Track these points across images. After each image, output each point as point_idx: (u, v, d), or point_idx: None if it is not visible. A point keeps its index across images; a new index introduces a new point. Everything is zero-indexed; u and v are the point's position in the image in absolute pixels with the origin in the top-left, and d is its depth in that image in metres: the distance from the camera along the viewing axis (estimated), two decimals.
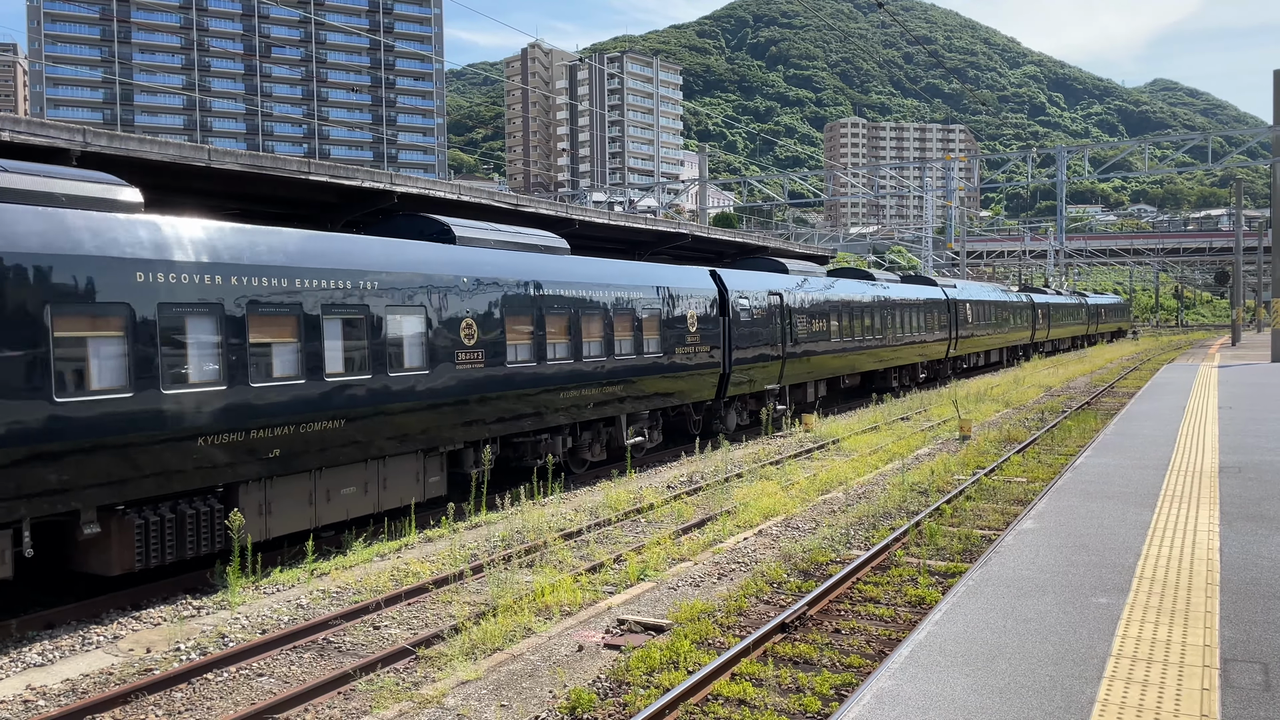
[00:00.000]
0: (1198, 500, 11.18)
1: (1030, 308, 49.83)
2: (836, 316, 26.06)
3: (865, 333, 28.18)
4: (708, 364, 19.81)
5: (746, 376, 21.48)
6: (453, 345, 13.39)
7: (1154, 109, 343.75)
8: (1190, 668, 6.14)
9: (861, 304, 28.10)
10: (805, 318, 24.14)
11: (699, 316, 19.40)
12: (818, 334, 24.83)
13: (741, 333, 21.01)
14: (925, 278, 38.30)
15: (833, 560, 11.30)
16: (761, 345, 21.91)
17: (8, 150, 10.77)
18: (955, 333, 36.86)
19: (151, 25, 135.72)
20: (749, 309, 21.35)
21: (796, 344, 23.55)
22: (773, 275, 23.76)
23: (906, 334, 31.67)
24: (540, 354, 15.03)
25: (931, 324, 34.17)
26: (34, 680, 8.02)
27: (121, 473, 9.38)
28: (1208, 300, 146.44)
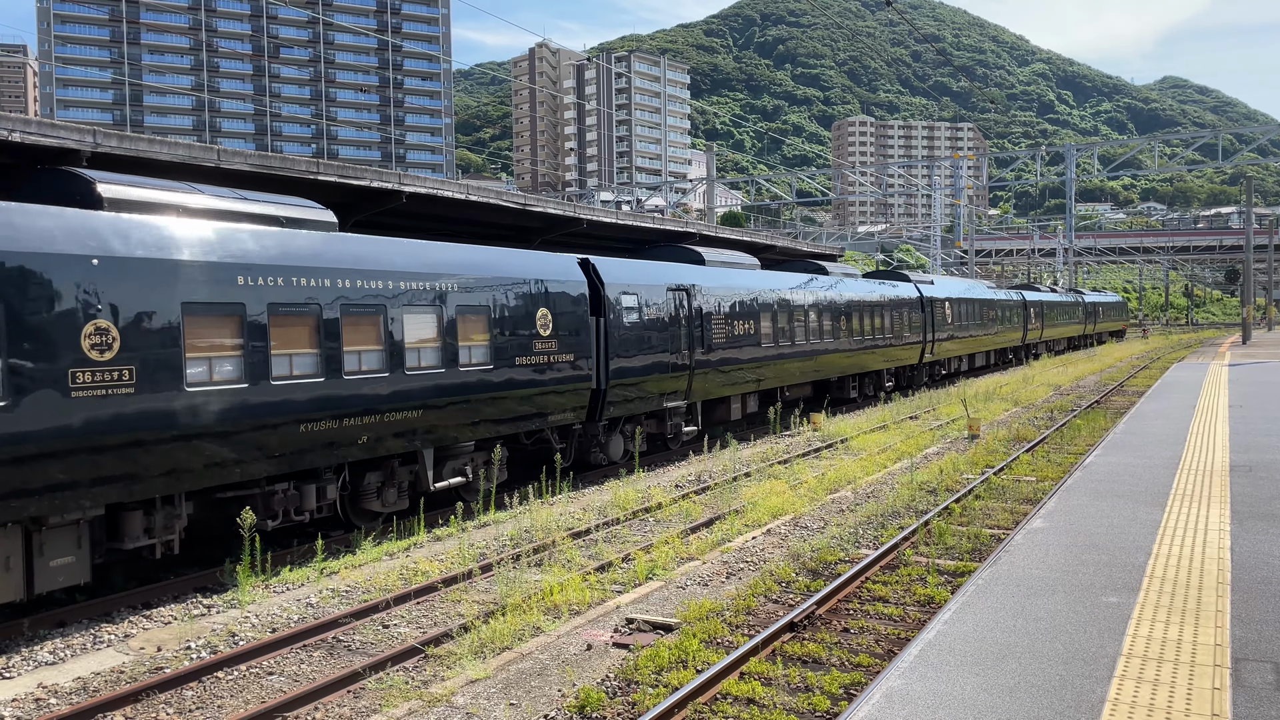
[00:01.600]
0: (1208, 499, 11.14)
1: (1021, 306, 46.57)
2: (771, 317, 22.12)
3: (812, 336, 24.24)
4: (570, 378, 15.62)
5: (634, 392, 17.30)
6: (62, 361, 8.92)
7: (1164, 107, 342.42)
8: (1201, 667, 6.12)
9: (806, 302, 24.07)
10: (724, 319, 20.12)
11: (558, 317, 15.32)
12: (743, 338, 20.78)
13: (625, 337, 16.94)
14: (897, 273, 34.62)
15: (841, 559, 11.28)
16: (657, 352, 17.82)
17: (16, 151, 10.82)
18: (931, 335, 33.14)
19: (160, 26, 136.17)
20: (637, 308, 17.29)
21: (711, 350, 19.51)
22: (677, 266, 19.43)
23: (868, 337, 27.71)
24: (259, 372, 10.59)
25: (900, 325, 30.29)
26: (46, 678, 8.06)
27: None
28: (1218, 298, 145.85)
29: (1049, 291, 55.64)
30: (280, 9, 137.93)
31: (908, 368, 32.59)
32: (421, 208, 16.80)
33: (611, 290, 16.88)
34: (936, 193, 66.27)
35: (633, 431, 17.98)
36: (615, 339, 16.75)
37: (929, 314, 32.89)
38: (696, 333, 19.13)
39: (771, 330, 22.24)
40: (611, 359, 16.60)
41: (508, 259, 14.80)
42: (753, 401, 22.34)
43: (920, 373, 33.38)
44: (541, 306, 15.09)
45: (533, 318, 14.87)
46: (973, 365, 40.49)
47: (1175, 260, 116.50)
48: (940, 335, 34.05)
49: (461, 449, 13.89)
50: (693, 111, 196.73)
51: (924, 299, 32.67)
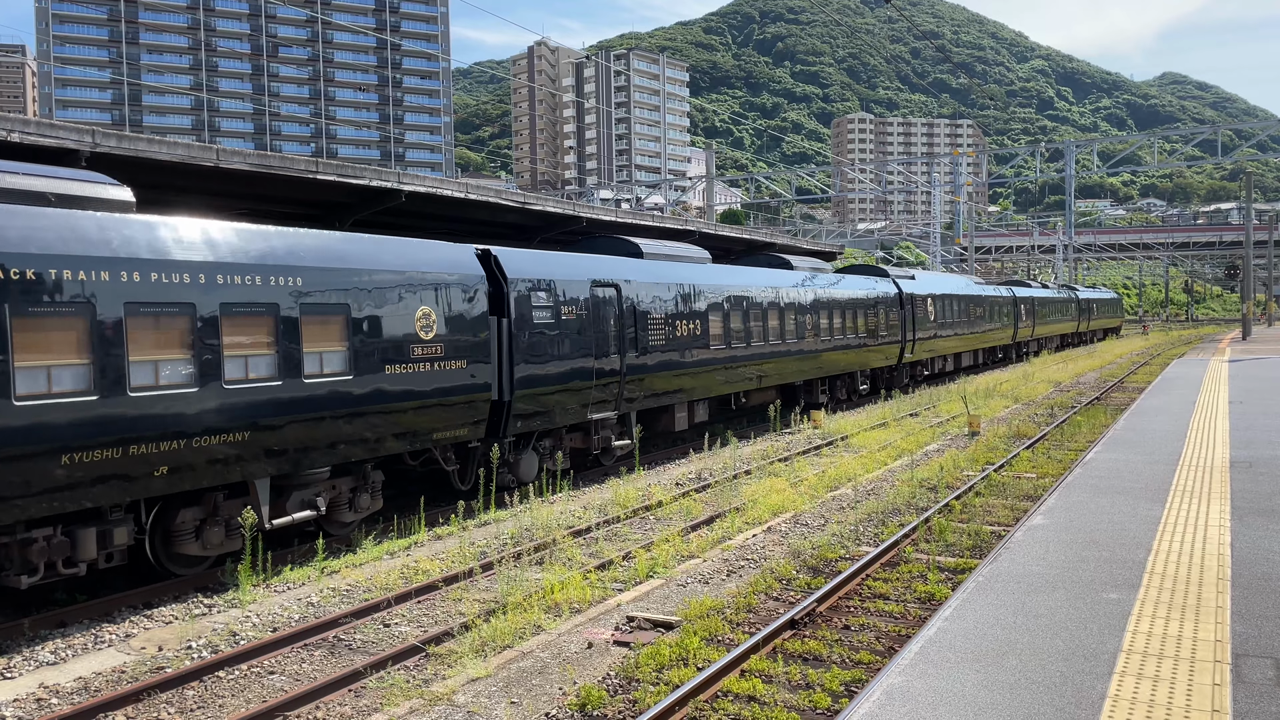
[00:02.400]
0: (1209, 495, 11.14)
1: (1012, 303, 44.68)
2: (722, 316, 20.06)
3: (773, 337, 22.12)
4: (462, 388, 13.38)
5: (547, 403, 15.11)
6: None
7: (1163, 103, 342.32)
8: (1202, 663, 6.12)
9: (766, 300, 21.97)
10: (664, 318, 18.00)
11: (445, 317, 13.14)
12: (688, 340, 18.72)
13: (536, 340, 14.82)
14: (874, 268, 32.32)
15: (842, 557, 11.29)
16: (578, 357, 15.69)
17: (18, 152, 10.82)
18: (912, 334, 31.00)
19: (159, 26, 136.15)
20: (551, 306, 15.17)
21: (647, 353, 17.40)
22: (604, 260, 17.19)
23: (838, 337, 25.58)
24: None
25: (876, 324, 28.14)
26: (47, 678, 8.07)
27: None
28: (1218, 294, 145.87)
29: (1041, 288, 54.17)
30: (279, 8, 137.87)
31: (886, 369, 30.47)
32: (421, 207, 16.80)
33: (518, 286, 14.63)
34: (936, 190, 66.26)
35: (551, 448, 15.85)
36: (523, 342, 14.57)
37: (909, 312, 30.87)
38: (629, 334, 16.92)
39: (723, 331, 20.07)
40: (517, 365, 14.39)
41: (375, 249, 12.50)
42: (703, 409, 20.06)
43: (900, 374, 31.40)
44: (423, 305, 12.83)
45: (410, 318, 12.60)
46: (959, 365, 38.45)
47: (1175, 256, 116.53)
48: (922, 334, 32.05)
49: (312, 476, 11.61)
50: (692, 109, 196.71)
51: (903, 296, 30.67)
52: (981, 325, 39.36)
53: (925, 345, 32.55)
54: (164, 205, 13.96)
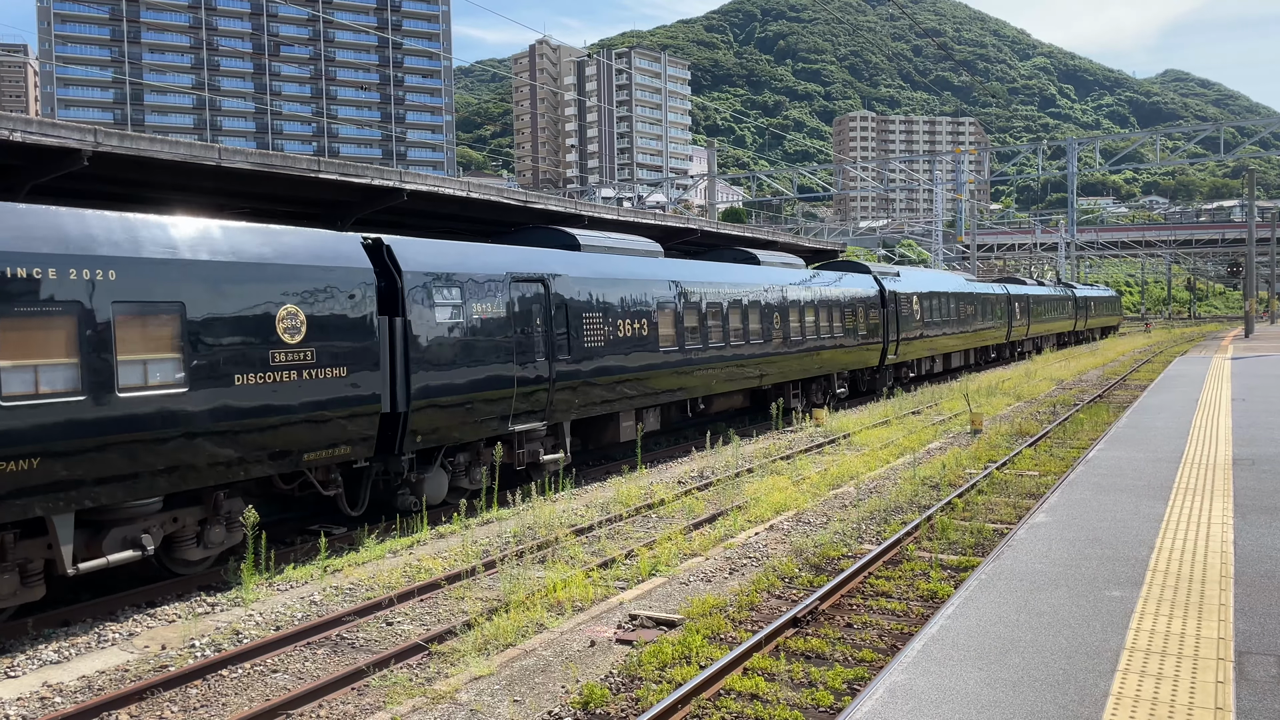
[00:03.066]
0: (1211, 493, 11.13)
1: (1006, 301, 43.12)
2: (673, 315, 18.34)
3: (735, 338, 20.41)
4: (341, 400, 11.48)
5: (455, 415, 13.20)
6: None
7: (1165, 100, 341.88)
8: (1204, 660, 6.12)
9: (727, 298, 20.28)
10: (604, 317, 16.35)
11: (317, 318, 11.20)
12: (632, 341, 16.96)
13: (439, 343, 12.91)
14: (855, 264, 30.44)
15: (844, 555, 11.29)
16: (495, 362, 13.84)
17: (17, 151, 10.83)
18: (896, 334, 29.41)
19: (161, 25, 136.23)
20: (459, 304, 13.33)
21: (582, 357, 15.77)
22: (531, 252, 15.35)
23: (811, 337, 23.96)
24: None
25: (854, 323, 26.55)
26: (50, 677, 8.08)
27: None
28: (1220, 292, 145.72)
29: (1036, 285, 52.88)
30: (280, 8, 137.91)
31: (866, 371, 28.88)
32: (423, 205, 16.79)
33: (416, 281, 12.78)
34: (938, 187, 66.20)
35: (467, 464, 14.13)
36: (422, 347, 12.68)
37: (892, 311, 29.26)
38: (560, 336, 15.26)
39: (674, 331, 18.29)
40: (415, 373, 12.54)
41: (223, 236, 10.59)
42: (653, 417, 18.40)
43: (883, 376, 29.73)
44: (287, 304, 10.90)
45: (270, 320, 10.67)
46: (949, 366, 36.59)
47: (1177, 254, 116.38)
48: (907, 334, 30.41)
49: (135, 510, 9.88)
50: (694, 107, 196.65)
51: (885, 294, 29.04)
52: (973, 324, 37.97)
53: (910, 346, 31.04)
54: (166, 205, 13.97)
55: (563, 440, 15.95)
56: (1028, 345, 49.29)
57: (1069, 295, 56.67)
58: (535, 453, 15.18)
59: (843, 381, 27.15)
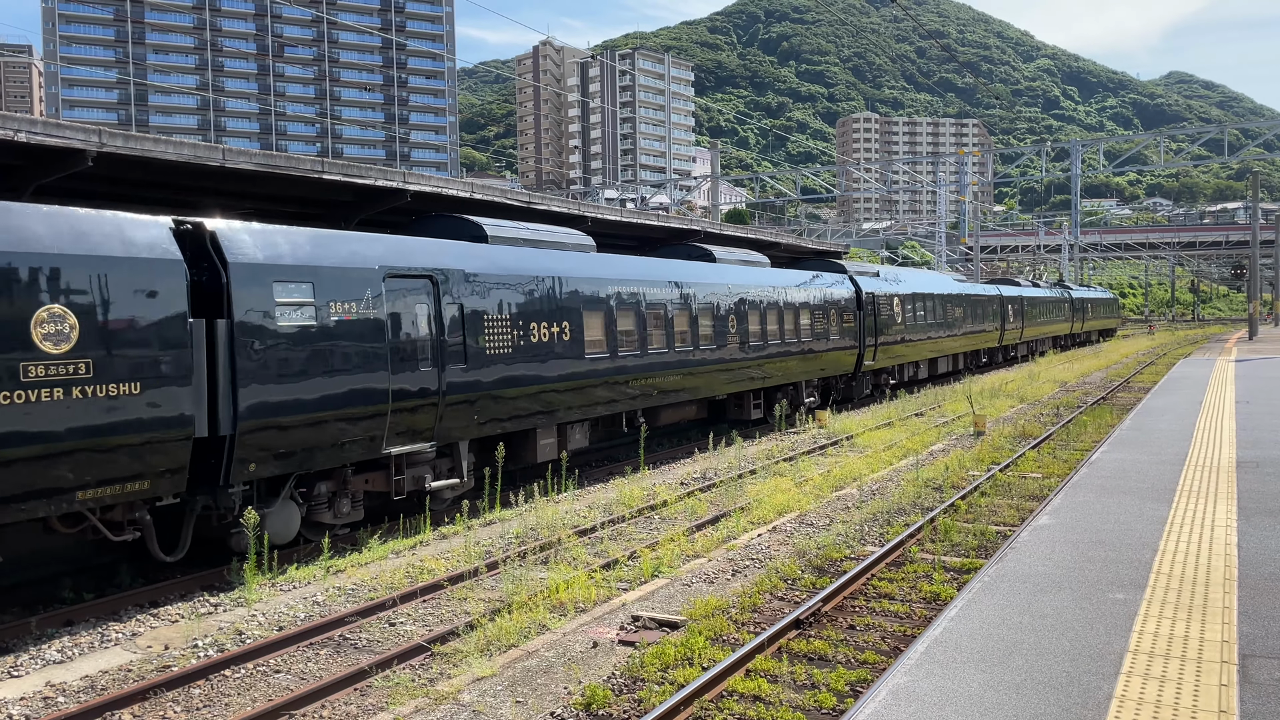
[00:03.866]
0: (1215, 495, 11.11)
1: (998, 303, 41.29)
2: (604, 318, 16.37)
3: (680, 343, 18.49)
4: (134, 423, 9.42)
5: (304, 437, 11.05)
6: None
7: (1169, 102, 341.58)
8: (1208, 663, 6.11)
9: (670, 298, 18.31)
10: (512, 321, 14.26)
11: (97, 322, 9.21)
12: (550, 348, 14.91)
13: (279, 353, 10.76)
14: (830, 263, 28.43)
15: (847, 556, 11.28)
16: (360, 374, 11.64)
17: (22, 151, 10.85)
18: (874, 338, 27.52)
19: (165, 26, 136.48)
20: (311, 305, 11.16)
21: (485, 366, 13.60)
22: (419, 244, 13.27)
23: (774, 342, 21.99)
24: None
25: (826, 327, 24.60)
26: (54, 677, 8.09)
27: None
28: (1224, 294, 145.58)
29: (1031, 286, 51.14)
30: (285, 8, 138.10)
31: (840, 377, 26.81)
32: (426, 206, 16.80)
33: (249, 275, 10.53)
34: (941, 189, 66.16)
35: (331, 494, 11.97)
36: (256, 355, 10.51)
37: (870, 312, 27.33)
38: (454, 342, 13.10)
39: (606, 336, 16.36)
40: (246, 387, 10.34)
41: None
42: (580, 433, 16.47)
43: (861, 383, 27.72)
44: (49, 303, 8.78)
45: (21, 325, 8.57)
46: (934, 372, 34.51)
47: (1181, 256, 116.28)
48: (887, 338, 28.47)
49: None
50: (697, 109, 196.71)
51: (862, 295, 27.14)
52: (962, 327, 36.19)
53: (891, 351, 29.10)
54: (168, 205, 14.00)
55: (459, 463, 13.59)
56: (1022, 349, 47.80)
57: (1065, 297, 55.11)
58: (421, 479, 13.03)
59: (812, 390, 25.11)
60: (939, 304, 33.38)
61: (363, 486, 12.34)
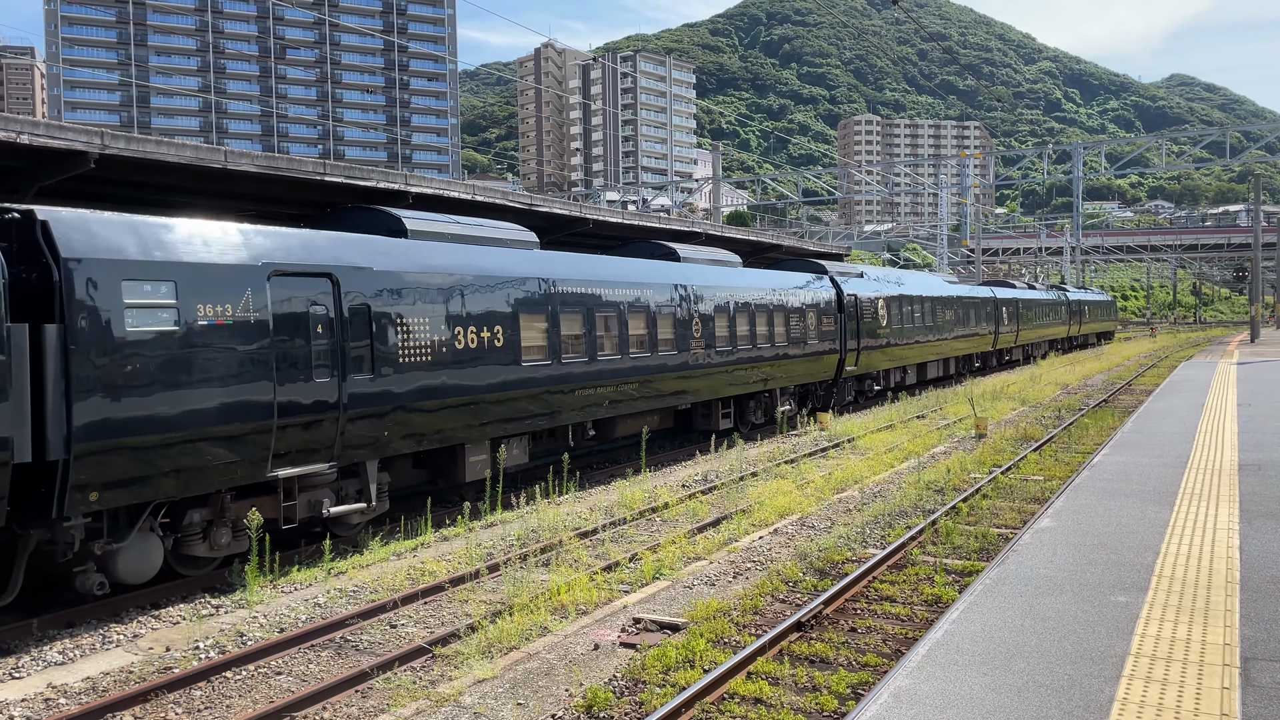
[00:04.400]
0: (1217, 498, 11.10)
1: (992, 305, 39.92)
2: (547, 321, 14.95)
3: (639, 347, 17.14)
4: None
5: (165, 461, 9.66)
6: None
7: (1171, 104, 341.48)
8: (1210, 666, 6.10)
9: (625, 299, 16.92)
10: (433, 323, 12.75)
11: None
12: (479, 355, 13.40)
13: (130, 361, 9.36)
14: (810, 263, 26.81)
15: (849, 559, 11.27)
16: (235, 385, 10.24)
17: (25, 153, 10.87)
18: (857, 342, 26.13)
19: (167, 28, 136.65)
20: (171, 307, 9.79)
21: (398, 374, 12.16)
22: (311, 238, 11.71)
23: (743, 347, 20.60)
24: None
25: (802, 331, 23.29)
26: (55, 678, 8.09)
27: None
28: (1226, 296, 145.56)
29: (1026, 288, 49.73)
30: (286, 10, 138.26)
31: (819, 384, 25.54)
32: (428, 208, 16.82)
33: (88, 273, 9.15)
34: (943, 191, 66.15)
35: (205, 524, 10.60)
36: (97, 365, 9.06)
37: (852, 315, 26.03)
38: (358, 348, 11.62)
39: (547, 342, 14.85)
40: (82, 402, 8.93)
41: None
42: (518, 448, 14.88)
43: (842, 390, 26.52)
44: None
45: None
46: (924, 377, 33.26)
47: (1183, 258, 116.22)
48: (871, 342, 27.20)
49: None
50: (698, 111, 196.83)
51: (844, 297, 25.81)
52: (954, 331, 34.87)
53: (875, 355, 27.68)
54: (172, 207, 14.01)
55: (367, 485, 12.08)
56: (1017, 353, 46.42)
57: (1062, 299, 53.89)
58: (318, 504, 11.52)
59: (788, 398, 23.72)
60: (928, 306, 32.16)
61: (246, 514, 10.51)
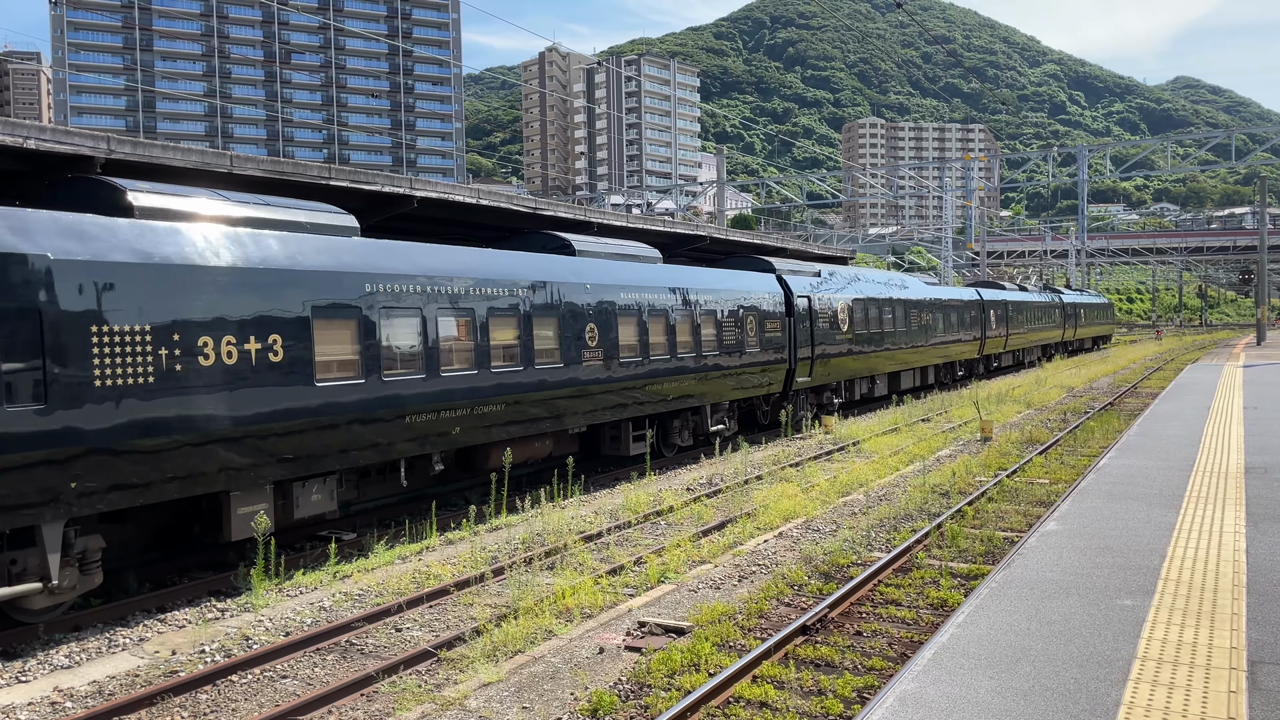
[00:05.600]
0: (1223, 501, 11.08)
1: (977, 308, 36.93)
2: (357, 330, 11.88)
3: (503, 359, 14.16)
4: None
5: None
6: None
7: (1176, 107, 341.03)
8: (1217, 670, 6.08)
9: (483, 303, 13.90)
10: (150, 334, 9.65)
11: None
12: (236, 375, 10.34)
13: None
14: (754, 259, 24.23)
15: (854, 562, 11.26)
16: None
17: (32, 158, 10.90)
18: (810, 349, 23.21)
19: (173, 33, 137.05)
20: None
21: (82, 405, 9.05)
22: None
23: (657, 358, 17.57)
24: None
25: (740, 338, 20.25)
26: (61, 682, 8.11)
27: None
28: (1232, 299, 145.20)
29: (1017, 289, 46.72)
30: (291, 15, 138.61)
31: (765, 398, 22.86)
32: (433, 212, 16.85)
33: None
34: (947, 194, 66.12)
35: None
36: None
37: (805, 320, 23.06)
38: (16, 372, 8.55)
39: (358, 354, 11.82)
40: None
41: None
42: (321, 492, 11.84)
43: (797, 404, 23.59)
44: None
45: None
46: (897, 388, 30.24)
47: (1189, 261, 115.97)
48: (829, 349, 24.19)
49: None
50: (703, 114, 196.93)
51: (793, 300, 22.70)
52: (932, 336, 31.78)
53: (834, 365, 24.68)
54: None
55: (44, 556, 8.87)
56: (1006, 359, 43.56)
57: (1056, 302, 50.84)
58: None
59: (722, 415, 20.44)
60: (901, 310, 29.25)
61: None
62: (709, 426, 19.95)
